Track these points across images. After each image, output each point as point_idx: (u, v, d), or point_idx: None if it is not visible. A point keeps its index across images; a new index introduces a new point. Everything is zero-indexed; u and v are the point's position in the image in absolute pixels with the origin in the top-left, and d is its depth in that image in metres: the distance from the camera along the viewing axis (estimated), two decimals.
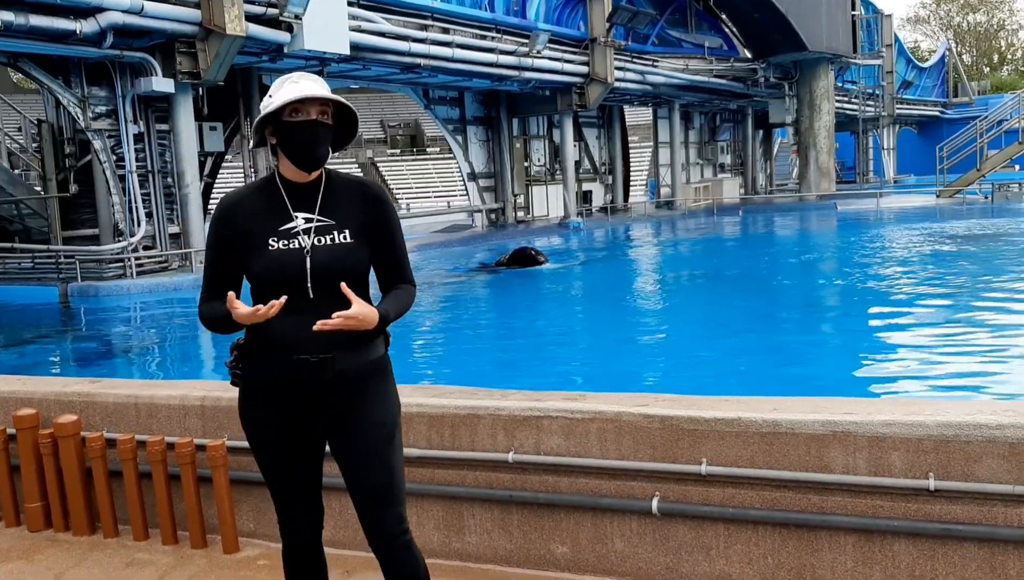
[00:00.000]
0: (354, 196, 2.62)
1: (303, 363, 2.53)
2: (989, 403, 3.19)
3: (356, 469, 2.64)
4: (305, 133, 2.50)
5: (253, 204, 2.60)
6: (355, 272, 2.56)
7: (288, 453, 2.66)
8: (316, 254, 2.52)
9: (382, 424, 2.64)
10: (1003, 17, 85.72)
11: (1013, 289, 12.74)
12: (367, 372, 2.62)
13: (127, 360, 11.03)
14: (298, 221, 2.55)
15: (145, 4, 15.34)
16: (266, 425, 2.64)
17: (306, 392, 2.58)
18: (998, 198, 31.14)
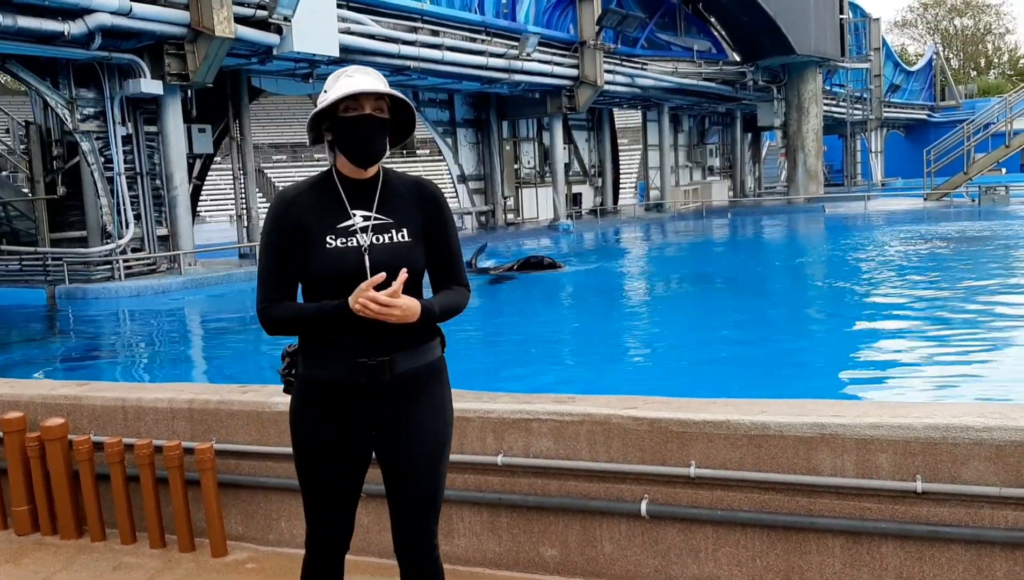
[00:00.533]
0: (411, 195, 2.57)
1: (362, 366, 2.47)
2: (976, 405, 3.20)
3: (404, 476, 2.57)
4: (360, 128, 2.44)
5: (310, 200, 2.52)
6: (413, 272, 2.48)
7: (338, 460, 2.57)
8: (375, 253, 2.46)
9: (436, 432, 2.58)
10: (990, 21, 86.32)
11: (1000, 291, 12.81)
12: (425, 375, 2.57)
13: (115, 363, 10.98)
14: (356, 219, 2.49)
15: (133, 6, 15.29)
16: (320, 430, 2.55)
17: (363, 395, 2.51)
18: (985, 201, 31.32)
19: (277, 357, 2.75)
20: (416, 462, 2.56)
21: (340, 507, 2.63)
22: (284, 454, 3.92)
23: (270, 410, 3.96)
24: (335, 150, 2.54)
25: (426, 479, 2.58)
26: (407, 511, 2.59)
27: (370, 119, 2.44)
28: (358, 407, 2.52)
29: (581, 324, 12.74)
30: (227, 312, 14.98)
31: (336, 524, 2.64)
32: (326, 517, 2.63)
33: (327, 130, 2.52)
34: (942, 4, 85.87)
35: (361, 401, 2.51)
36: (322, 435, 2.56)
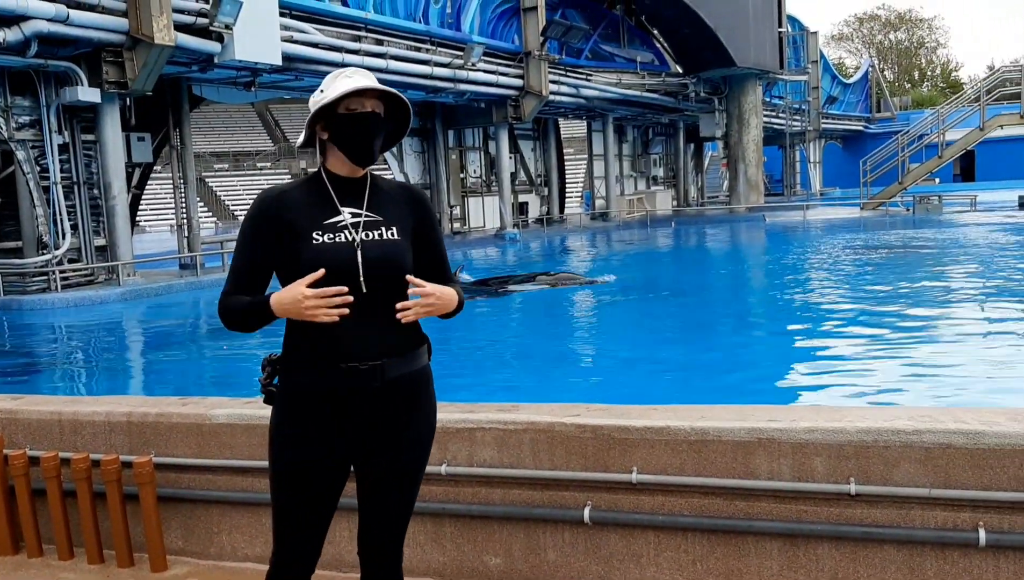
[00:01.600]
0: (399, 196, 2.55)
1: (352, 371, 2.39)
2: (906, 410, 3.30)
3: (388, 483, 2.52)
4: (363, 125, 2.42)
5: (297, 197, 2.47)
6: (404, 269, 2.44)
7: (321, 476, 2.48)
8: (366, 248, 2.40)
9: (423, 439, 2.55)
10: (923, 35, 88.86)
11: (931, 298, 13.17)
12: (414, 382, 2.51)
13: (51, 376, 10.73)
14: (345, 215, 2.43)
15: (71, 13, 15.00)
16: (305, 444, 2.44)
17: (354, 402, 2.43)
18: (919, 210, 32.17)
19: (218, 369, 2.73)
20: (402, 469, 2.52)
21: (315, 525, 2.55)
22: (224, 467, 3.88)
23: (210, 422, 3.91)
24: (325, 150, 2.49)
25: (407, 487, 2.55)
26: (384, 519, 2.55)
27: (373, 117, 2.43)
28: (347, 415, 2.43)
29: (526, 329, 12.79)
30: (167, 323, 14.73)
31: (308, 542, 2.55)
32: (298, 537, 2.53)
33: (323, 129, 2.48)
34: (877, 19, 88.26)
35: (351, 408, 2.43)
36: (307, 450, 2.45)
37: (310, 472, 2.47)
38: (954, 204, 32.98)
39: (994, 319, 11.12)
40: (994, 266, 16.85)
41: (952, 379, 7.96)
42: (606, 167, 37.75)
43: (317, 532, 2.56)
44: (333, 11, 21.49)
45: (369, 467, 2.52)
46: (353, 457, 2.52)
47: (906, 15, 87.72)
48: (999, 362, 8.58)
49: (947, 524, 3.09)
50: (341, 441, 2.46)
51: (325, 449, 2.45)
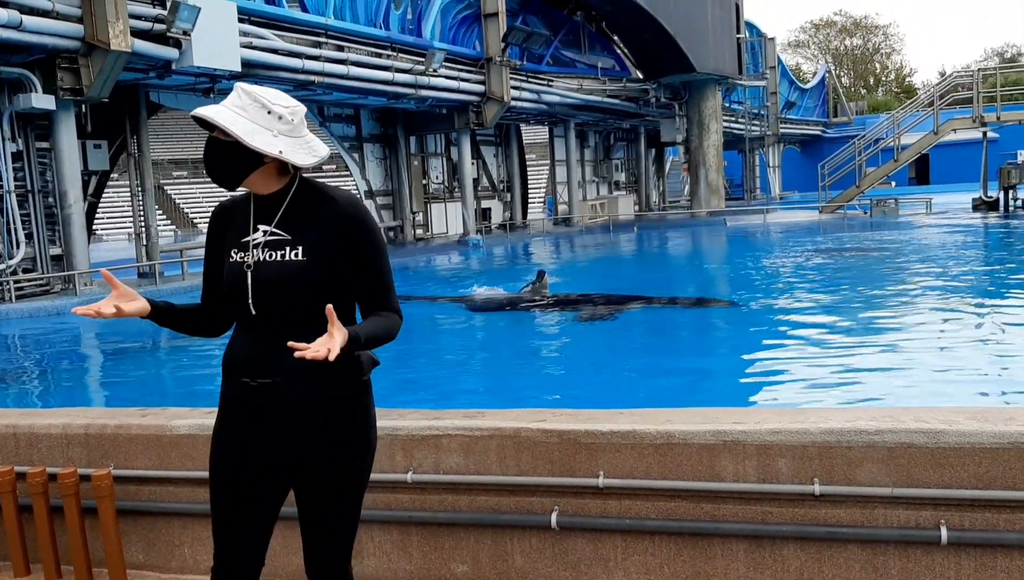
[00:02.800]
0: (325, 214, 2.42)
1: (245, 387, 2.41)
2: (868, 410, 3.33)
3: (313, 505, 2.49)
4: (208, 149, 2.41)
5: (231, 213, 2.52)
6: (302, 292, 2.38)
7: (240, 483, 2.48)
8: (260, 269, 2.39)
9: (344, 465, 2.47)
10: (878, 41, 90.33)
11: (889, 299, 13.36)
12: (328, 405, 2.42)
13: (5, 388, 10.50)
14: (257, 234, 2.43)
15: (24, 18, 14.73)
16: (228, 449, 2.48)
17: (253, 419, 2.43)
18: (876, 213, 32.68)
19: (179, 379, 2.72)
20: (329, 491, 2.48)
21: (245, 532, 2.51)
22: (186, 478, 3.81)
23: (170, 434, 3.85)
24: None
25: (339, 508, 2.50)
26: (320, 538, 2.52)
27: (213, 141, 2.40)
28: (254, 428, 2.45)
29: (490, 336, 12.78)
30: (126, 334, 14.50)
31: (241, 549, 2.52)
32: (229, 541, 2.52)
33: None
34: (832, 25, 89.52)
35: (256, 422, 2.44)
36: (225, 457, 2.49)
37: (229, 479, 2.49)
38: (910, 207, 33.55)
39: (952, 319, 11.31)
40: (949, 267, 17.15)
41: (913, 379, 8.08)
42: (568, 172, 37.87)
43: (248, 540, 2.53)
44: (293, 17, 21.34)
45: (298, 486, 2.51)
46: (276, 472, 2.49)
47: (861, 21, 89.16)
48: (959, 361, 8.72)
49: (909, 523, 3.13)
50: (255, 453, 2.46)
51: (239, 458, 2.47)
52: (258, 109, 2.36)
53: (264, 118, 2.36)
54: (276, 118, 2.37)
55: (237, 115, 2.34)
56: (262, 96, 2.38)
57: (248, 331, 2.43)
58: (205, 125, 2.39)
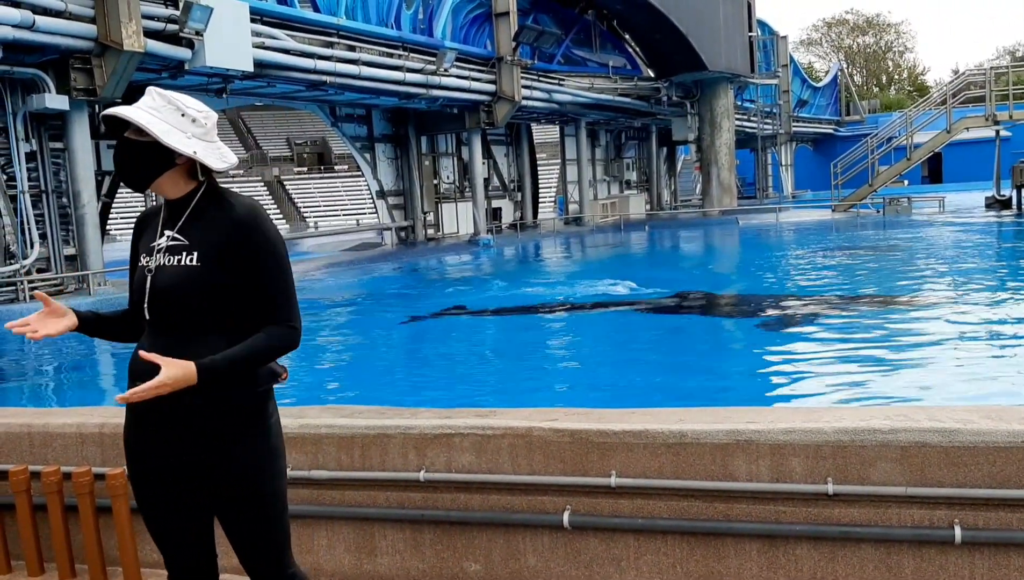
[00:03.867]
0: (219, 217, 2.40)
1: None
2: (882, 409, 3.32)
3: (225, 523, 2.48)
4: (119, 151, 2.42)
5: (150, 219, 2.56)
6: (196, 299, 2.35)
7: (154, 493, 2.48)
8: (159, 275, 2.40)
9: (240, 479, 2.42)
10: (890, 39, 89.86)
11: (902, 297, 13.29)
12: (216, 414, 2.39)
13: (20, 388, 10.57)
14: (162, 239, 2.44)
15: (37, 19, 14.80)
16: (132, 456, 2.48)
17: (155, 426, 2.40)
18: (889, 211, 32.54)
19: None
20: (225, 509, 2.46)
21: (168, 534, 2.51)
22: None
23: None
24: None
25: (244, 526, 2.46)
26: (242, 554, 2.50)
27: (120, 141, 2.40)
28: (149, 433, 2.43)
29: (502, 336, 12.77)
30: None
31: (173, 550, 2.53)
32: (167, 551, 2.54)
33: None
34: (845, 23, 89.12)
35: (150, 427, 2.42)
36: (135, 462, 2.49)
37: (138, 484, 2.51)
38: (923, 205, 33.38)
39: (966, 318, 11.25)
40: (964, 265, 17.05)
41: (927, 378, 8.04)
42: (579, 172, 37.83)
43: (176, 542, 2.52)
44: (305, 17, 21.38)
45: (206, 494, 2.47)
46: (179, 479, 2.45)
47: (874, 19, 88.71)
48: (973, 360, 8.68)
49: (923, 522, 3.11)
50: (156, 459, 2.44)
51: (144, 464, 2.47)
52: (172, 111, 2.38)
53: (178, 120, 2.37)
54: (190, 121, 2.38)
55: (151, 115, 2.35)
56: (176, 99, 2.40)
57: (147, 336, 2.44)
58: (112, 127, 2.42)
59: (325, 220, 47.38)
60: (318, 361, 10.70)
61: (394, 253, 27.49)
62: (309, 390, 8.78)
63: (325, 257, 27.11)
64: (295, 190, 52.53)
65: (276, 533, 2.50)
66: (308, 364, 10.32)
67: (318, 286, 19.84)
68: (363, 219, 41.17)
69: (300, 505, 3.74)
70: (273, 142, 58.10)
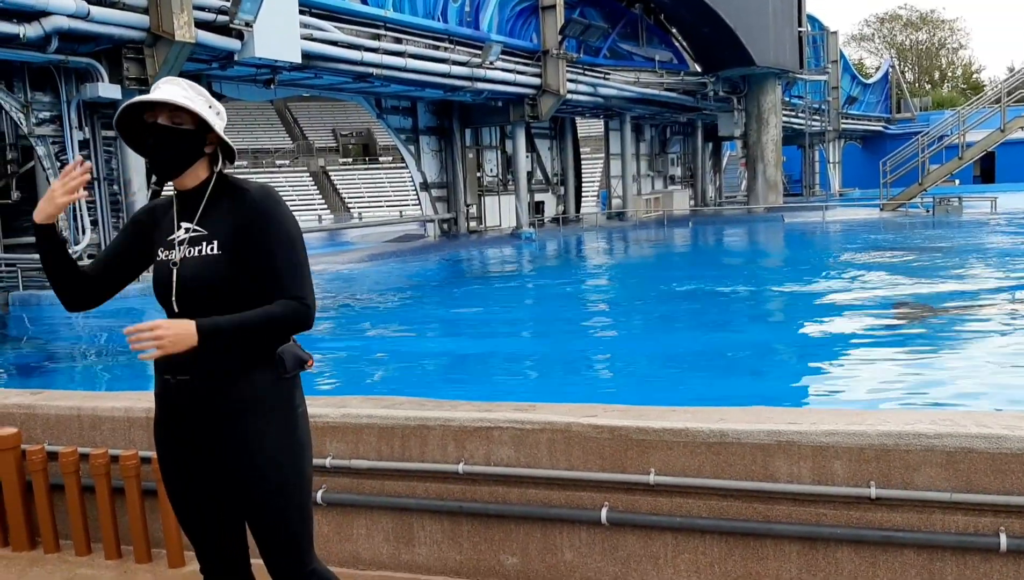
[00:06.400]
0: (235, 203, 2.42)
1: (166, 384, 2.42)
2: (928, 413, 3.26)
3: (246, 516, 2.48)
4: (148, 136, 2.39)
5: (160, 213, 2.52)
6: (223, 287, 2.37)
7: (182, 484, 2.49)
8: (183, 267, 2.39)
9: (266, 472, 2.40)
10: (944, 36, 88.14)
11: (952, 300, 13.05)
12: (246, 405, 2.39)
13: (70, 371, 10.80)
14: (180, 231, 2.44)
15: (91, 9, 15.08)
16: (161, 447, 2.51)
17: (175, 416, 2.42)
18: (939, 211, 31.93)
19: None
20: (250, 503, 2.44)
21: (198, 524, 2.53)
22: None
23: None
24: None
25: (268, 520, 2.44)
26: (264, 549, 2.49)
27: (155, 128, 2.37)
28: (175, 425, 2.44)
29: (543, 330, 12.78)
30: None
31: (201, 539, 2.55)
32: (190, 532, 2.55)
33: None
34: (898, 19, 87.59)
35: (176, 419, 2.43)
36: (163, 452, 2.51)
37: (166, 473, 2.52)
38: (974, 206, 32.71)
39: (1016, 323, 11.02)
40: (1017, 268, 16.69)
41: (974, 383, 7.89)
42: (623, 166, 37.66)
43: (214, 542, 2.54)
44: (353, 9, 21.53)
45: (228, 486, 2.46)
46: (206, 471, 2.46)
47: (928, 15, 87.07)
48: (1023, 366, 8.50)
49: (968, 529, 3.06)
50: (182, 453, 2.46)
51: (173, 458, 2.48)
52: (203, 102, 2.42)
53: (207, 110, 2.41)
54: (215, 113, 2.45)
55: (193, 103, 2.39)
56: (202, 90, 2.45)
57: None
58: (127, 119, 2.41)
59: (369, 211, 47.73)
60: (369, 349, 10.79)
61: (437, 245, 27.61)
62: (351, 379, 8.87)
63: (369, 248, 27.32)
64: (340, 181, 52.98)
65: (298, 528, 2.48)
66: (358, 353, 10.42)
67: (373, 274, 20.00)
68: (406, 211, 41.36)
69: (340, 494, 3.78)
70: (319, 133, 58.63)
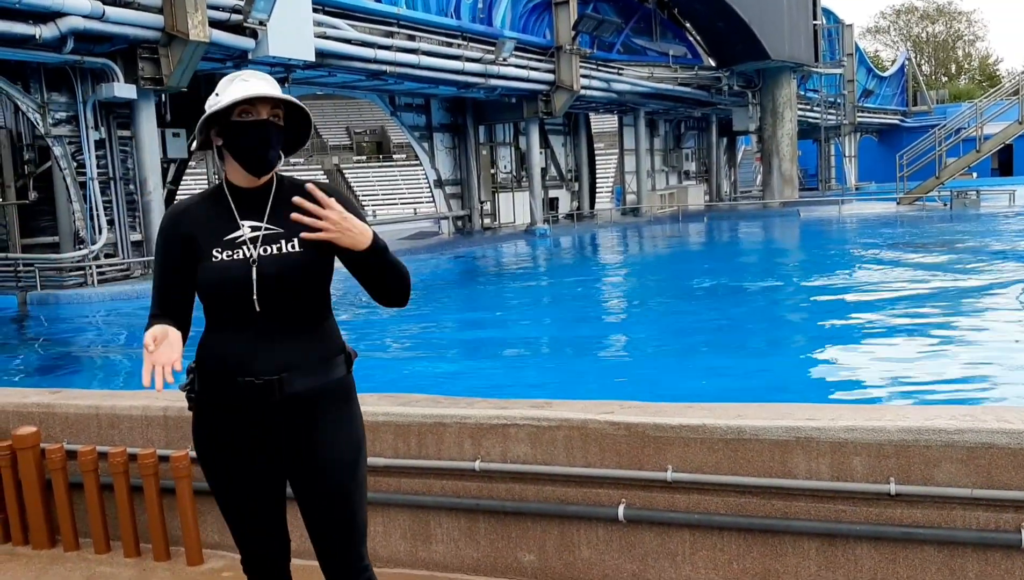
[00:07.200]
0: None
1: (248, 386, 2.35)
2: (948, 408, 3.24)
3: (313, 506, 2.47)
4: (255, 134, 2.33)
5: (200, 212, 2.43)
6: (306, 283, 2.38)
7: (241, 483, 2.47)
8: (263, 264, 2.34)
9: (341, 459, 2.44)
10: (961, 28, 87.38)
11: (971, 295, 12.96)
12: (324, 397, 2.42)
13: (88, 370, 10.87)
14: (244, 230, 2.38)
15: (106, 9, 15.15)
16: (216, 452, 2.46)
17: (254, 418, 2.39)
18: (956, 205, 31.68)
19: None
20: (324, 493, 2.44)
21: (260, 531, 2.53)
22: None
23: None
24: (223, 158, 2.43)
25: (339, 511, 2.46)
26: (323, 543, 2.49)
27: (266, 125, 2.34)
28: (249, 431, 2.41)
29: (559, 326, 12.76)
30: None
31: (260, 546, 2.55)
32: (247, 541, 2.55)
33: (218, 136, 2.40)
34: (914, 11, 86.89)
35: (250, 425, 2.40)
36: (218, 461, 2.47)
37: (231, 484, 2.47)
38: (992, 199, 32.45)
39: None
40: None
41: (994, 378, 7.83)
42: (637, 162, 37.55)
43: (264, 538, 2.54)
44: (366, 7, 21.54)
45: (294, 485, 2.48)
46: (275, 470, 2.47)
47: (945, 7, 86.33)
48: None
49: (989, 525, 3.04)
50: (252, 455, 2.43)
51: (238, 462, 2.44)
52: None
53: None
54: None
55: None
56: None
57: (245, 329, 2.36)
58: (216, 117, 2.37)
59: (383, 208, 47.75)
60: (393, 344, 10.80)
61: (451, 242, 27.62)
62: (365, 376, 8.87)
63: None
64: (354, 178, 53.04)
65: (362, 520, 2.51)
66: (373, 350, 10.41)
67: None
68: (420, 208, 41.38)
69: None
70: (332, 131, 58.73)
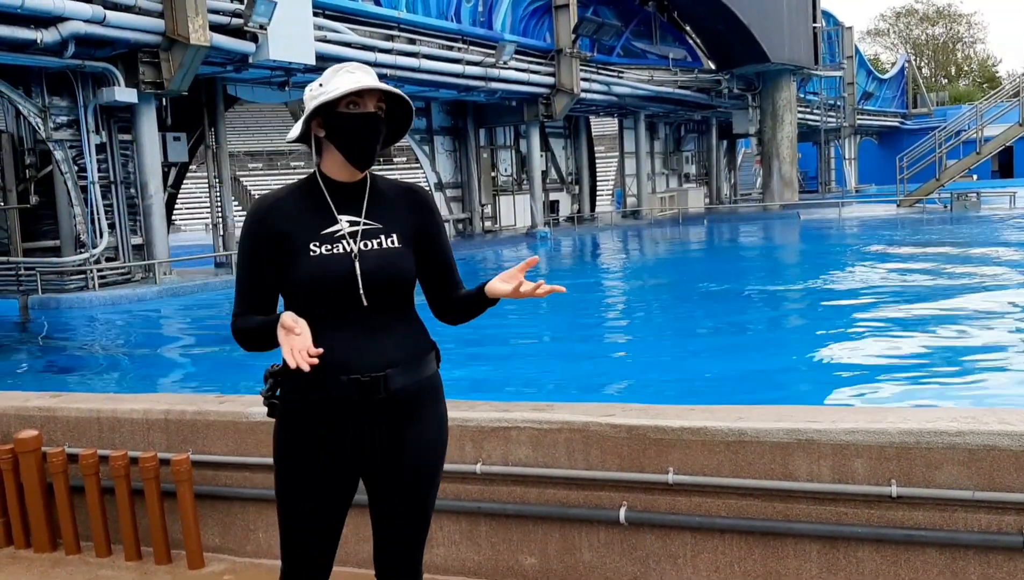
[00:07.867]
0: (401, 200, 2.44)
1: (354, 383, 2.29)
2: (949, 410, 3.24)
3: (398, 500, 2.43)
4: (362, 126, 2.31)
5: (292, 206, 2.36)
6: (405, 279, 2.37)
7: (326, 494, 2.40)
8: (365, 259, 2.30)
9: (433, 452, 2.44)
10: (960, 30, 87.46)
11: (970, 297, 12.95)
12: (422, 391, 2.41)
13: (89, 374, 10.87)
14: (342, 224, 2.33)
15: (107, 14, 15.19)
16: (303, 456, 2.37)
17: (355, 416, 2.33)
18: (957, 207, 31.69)
19: (255, 366, 2.69)
20: (411, 482, 2.42)
21: (323, 539, 2.46)
22: (261, 464, 3.89)
23: (247, 420, 3.93)
24: (321, 150, 2.38)
25: (419, 504, 2.45)
26: (399, 537, 2.46)
27: (374, 117, 2.32)
28: (351, 428, 2.34)
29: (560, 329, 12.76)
30: (203, 321, 14.88)
31: (317, 555, 2.47)
32: (303, 554, 2.46)
33: (321, 127, 2.35)
34: (914, 13, 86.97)
35: (354, 420, 2.34)
36: (312, 466, 2.37)
37: (316, 488, 2.39)
38: (992, 200, 32.45)
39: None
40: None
41: (996, 380, 7.83)
42: (638, 165, 37.58)
43: (325, 546, 2.48)
44: (366, 11, 21.59)
45: (379, 480, 2.44)
46: (360, 470, 2.43)
47: (944, 10, 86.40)
48: None
49: (991, 527, 3.03)
50: (345, 454, 2.38)
51: (330, 463, 2.37)
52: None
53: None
54: None
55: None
56: None
57: (349, 325, 2.31)
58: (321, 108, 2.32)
59: None
60: None
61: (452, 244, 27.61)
62: None
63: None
64: None
65: (427, 525, 2.51)
66: None
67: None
68: None
69: (358, 495, 3.78)
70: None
